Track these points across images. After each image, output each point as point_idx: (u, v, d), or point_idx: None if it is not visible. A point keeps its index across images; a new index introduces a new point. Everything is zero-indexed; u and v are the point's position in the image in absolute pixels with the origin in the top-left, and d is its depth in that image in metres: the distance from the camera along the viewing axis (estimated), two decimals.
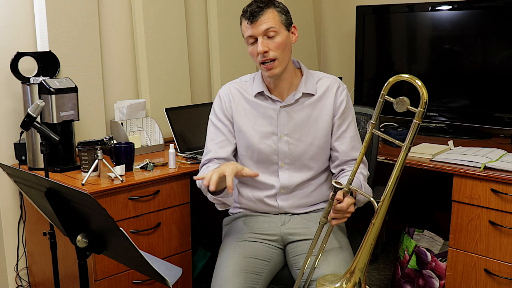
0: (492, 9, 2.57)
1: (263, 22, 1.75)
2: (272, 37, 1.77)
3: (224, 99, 1.94)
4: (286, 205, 1.92)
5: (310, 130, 1.88)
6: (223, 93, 1.95)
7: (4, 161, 2.30)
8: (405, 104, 1.47)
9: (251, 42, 1.80)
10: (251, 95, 1.91)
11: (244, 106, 1.91)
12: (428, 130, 2.80)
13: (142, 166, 2.22)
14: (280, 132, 1.88)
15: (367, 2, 3.05)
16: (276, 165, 1.90)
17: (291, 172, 1.90)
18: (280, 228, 1.89)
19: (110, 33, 2.60)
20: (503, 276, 2.05)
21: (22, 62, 2.26)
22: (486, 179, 2.04)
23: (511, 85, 2.53)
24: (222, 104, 1.94)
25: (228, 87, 1.96)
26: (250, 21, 1.76)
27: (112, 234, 1.35)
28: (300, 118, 1.88)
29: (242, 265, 1.77)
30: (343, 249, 1.82)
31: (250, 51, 1.82)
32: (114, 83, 2.65)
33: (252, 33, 1.77)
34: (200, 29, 2.95)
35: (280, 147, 1.88)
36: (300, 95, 1.87)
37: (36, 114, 1.88)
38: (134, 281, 2.13)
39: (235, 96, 1.93)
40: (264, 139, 1.88)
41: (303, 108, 1.88)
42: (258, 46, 1.76)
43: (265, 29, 1.75)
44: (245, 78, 1.98)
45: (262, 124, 1.89)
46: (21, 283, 2.44)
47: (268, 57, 1.77)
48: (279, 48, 1.77)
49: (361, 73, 3.05)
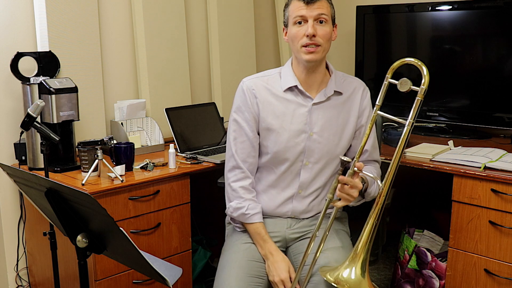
0: (492, 9, 2.57)
1: (319, 6, 1.76)
2: (323, 24, 1.77)
3: (249, 94, 1.84)
4: (300, 209, 1.88)
5: (337, 130, 1.85)
6: (247, 88, 1.85)
7: (4, 161, 2.30)
8: (408, 84, 1.63)
9: (297, 22, 1.77)
10: (279, 91, 1.84)
11: (272, 102, 1.83)
12: (428, 130, 2.80)
13: (142, 166, 2.22)
14: (310, 130, 1.83)
15: (367, 2, 3.04)
16: (301, 163, 1.85)
17: (314, 172, 1.86)
18: (285, 231, 1.89)
19: (110, 33, 2.60)
20: (503, 276, 2.04)
21: (22, 62, 2.26)
22: (486, 179, 2.04)
23: (511, 85, 2.53)
24: (247, 100, 1.84)
25: (251, 81, 1.86)
26: (306, 1, 1.74)
27: (112, 234, 1.35)
28: (329, 117, 1.84)
29: (246, 269, 1.76)
30: (345, 249, 1.82)
31: (295, 32, 1.77)
32: (114, 83, 2.65)
33: (306, 14, 1.74)
34: (200, 29, 2.95)
35: (308, 145, 1.83)
36: (331, 92, 1.84)
37: (36, 114, 1.88)
38: (134, 281, 2.13)
39: (261, 92, 1.84)
40: (293, 137, 1.82)
41: (333, 106, 1.85)
42: (308, 28, 1.73)
43: (319, 13, 1.75)
44: (269, 72, 1.90)
45: (292, 122, 1.82)
46: (21, 283, 2.44)
47: (315, 41, 1.75)
48: (325, 37, 1.78)
49: (361, 73, 3.05)
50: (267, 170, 1.89)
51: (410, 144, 2.49)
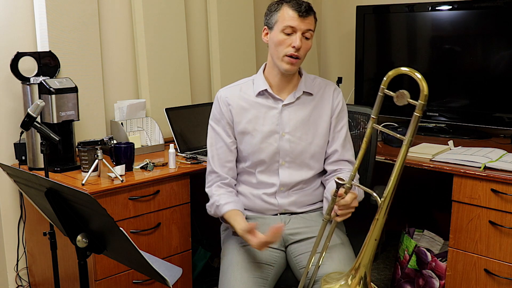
0: (492, 9, 2.57)
1: (309, 22, 1.83)
2: (308, 39, 1.85)
3: (222, 103, 1.95)
4: (286, 202, 1.93)
5: (310, 129, 1.92)
6: (220, 97, 1.96)
7: (4, 161, 2.30)
8: (405, 97, 1.46)
9: (287, 32, 1.83)
10: (251, 96, 1.93)
11: (245, 107, 1.93)
12: (428, 130, 2.80)
13: (142, 166, 2.22)
14: (282, 130, 1.90)
15: (367, 2, 3.04)
16: (277, 163, 1.92)
17: (292, 171, 1.92)
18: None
19: (110, 33, 2.60)
20: (503, 276, 2.05)
21: (22, 62, 2.26)
22: (486, 179, 2.04)
23: (511, 85, 2.53)
24: (221, 108, 1.94)
25: (225, 90, 1.97)
26: (301, 14, 1.81)
27: (112, 234, 1.35)
28: (301, 117, 1.91)
29: (249, 271, 1.76)
30: (345, 245, 1.85)
31: (281, 39, 1.83)
32: (114, 83, 2.65)
33: (297, 26, 1.81)
34: (200, 29, 2.95)
35: (281, 145, 1.90)
36: (300, 93, 1.92)
37: (36, 114, 1.88)
38: (134, 281, 2.13)
39: (234, 99, 1.94)
40: (266, 138, 1.91)
41: (304, 107, 1.92)
42: (296, 40, 1.81)
43: (308, 29, 1.83)
44: (242, 81, 2.00)
45: (263, 124, 1.91)
46: (21, 283, 2.44)
47: (298, 54, 1.83)
48: (306, 51, 1.87)
49: (361, 73, 3.05)
50: (248, 174, 1.97)
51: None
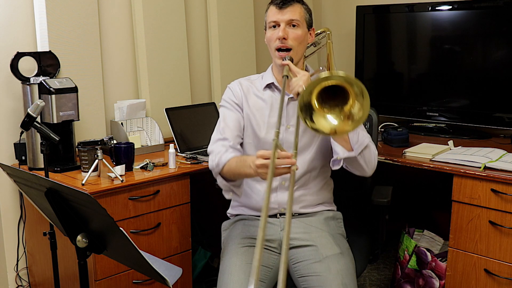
0: (492, 9, 2.57)
1: (290, 11, 1.84)
2: (295, 28, 1.85)
3: (235, 89, 1.97)
4: (285, 199, 1.90)
5: None
6: (233, 86, 1.99)
7: (4, 161, 2.31)
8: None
9: (271, 26, 1.86)
10: (260, 89, 1.97)
11: (253, 98, 1.96)
12: (428, 130, 2.80)
13: (142, 166, 2.22)
14: (287, 122, 1.91)
15: (367, 2, 3.04)
16: None
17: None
18: (280, 233, 1.88)
19: (110, 33, 2.60)
20: (503, 276, 2.04)
21: (22, 62, 2.26)
22: (486, 179, 2.04)
23: (511, 85, 2.53)
24: (233, 93, 1.97)
25: (238, 81, 2.01)
26: (279, 6, 1.84)
27: (112, 234, 1.36)
28: None
29: (247, 273, 1.75)
30: (344, 255, 1.81)
31: (269, 35, 1.88)
32: (114, 83, 2.65)
33: (277, 19, 1.85)
34: (200, 29, 2.95)
35: (286, 137, 1.91)
36: None
37: (36, 114, 1.88)
38: (134, 281, 2.13)
39: (245, 88, 1.98)
40: (271, 129, 1.92)
41: None
42: (278, 31, 1.83)
43: (289, 19, 1.84)
44: (253, 76, 2.05)
45: (269, 115, 1.93)
46: (21, 283, 2.44)
47: (285, 44, 1.84)
48: (297, 40, 1.85)
49: (361, 73, 3.05)
50: None
51: (410, 144, 2.49)
